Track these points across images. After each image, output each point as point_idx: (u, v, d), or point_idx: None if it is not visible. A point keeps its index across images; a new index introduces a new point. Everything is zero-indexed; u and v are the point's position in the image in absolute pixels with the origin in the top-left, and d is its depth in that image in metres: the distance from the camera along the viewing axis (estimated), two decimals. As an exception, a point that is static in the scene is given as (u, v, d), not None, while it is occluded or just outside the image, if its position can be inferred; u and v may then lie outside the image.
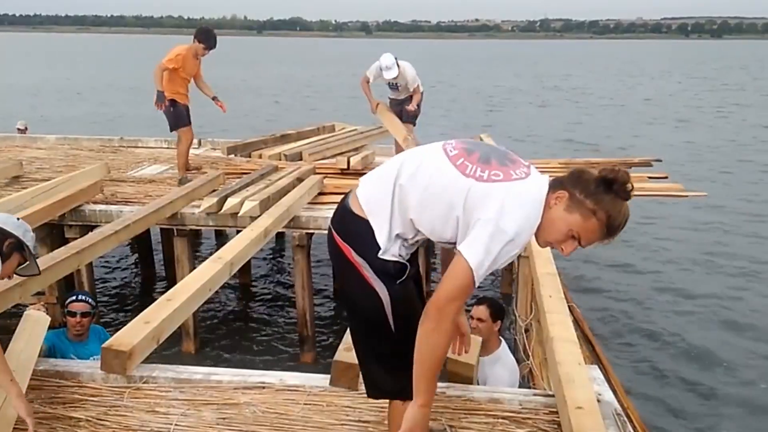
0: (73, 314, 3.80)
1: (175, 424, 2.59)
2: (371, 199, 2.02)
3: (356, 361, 2.81)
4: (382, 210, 2.00)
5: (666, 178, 7.07)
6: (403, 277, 2.05)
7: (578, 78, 43.06)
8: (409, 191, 1.97)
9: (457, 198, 1.90)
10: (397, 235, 2.01)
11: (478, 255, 1.83)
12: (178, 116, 6.69)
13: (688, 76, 44.68)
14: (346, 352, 2.86)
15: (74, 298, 3.87)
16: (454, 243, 1.95)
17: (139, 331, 3.09)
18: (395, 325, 2.08)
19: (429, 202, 1.95)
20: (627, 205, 1.90)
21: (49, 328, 3.24)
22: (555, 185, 1.93)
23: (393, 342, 2.09)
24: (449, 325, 1.90)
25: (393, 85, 7.65)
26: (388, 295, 2.03)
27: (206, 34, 6.72)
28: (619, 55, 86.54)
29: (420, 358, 1.94)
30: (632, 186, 1.88)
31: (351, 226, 2.04)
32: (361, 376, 2.36)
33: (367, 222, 2.01)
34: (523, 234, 1.86)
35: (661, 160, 8.07)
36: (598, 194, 1.86)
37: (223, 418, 2.63)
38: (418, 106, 7.66)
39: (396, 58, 7.31)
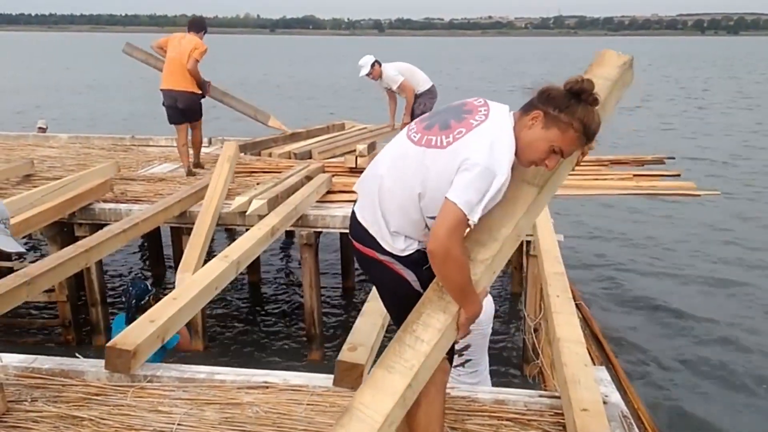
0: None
1: (178, 424, 2.59)
2: (366, 217, 2.17)
3: (359, 362, 2.80)
4: (375, 219, 2.13)
5: (679, 176, 6.99)
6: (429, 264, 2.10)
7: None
8: (390, 194, 2.10)
9: (426, 172, 2.02)
10: (396, 233, 2.12)
11: (464, 194, 1.94)
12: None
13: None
14: (350, 352, 2.85)
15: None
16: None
17: (143, 329, 3.09)
18: None
19: (401, 191, 2.07)
20: (597, 111, 2.02)
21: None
22: (527, 108, 2.06)
23: None
24: (456, 252, 1.96)
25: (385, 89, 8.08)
26: (416, 279, 2.17)
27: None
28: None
29: (449, 289, 2.05)
30: (599, 93, 2.03)
31: (364, 234, 2.19)
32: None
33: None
34: (500, 163, 1.97)
35: (674, 158, 7.97)
36: (571, 106, 1.99)
37: (226, 418, 2.62)
38: (425, 106, 7.70)
39: (376, 61, 7.66)
